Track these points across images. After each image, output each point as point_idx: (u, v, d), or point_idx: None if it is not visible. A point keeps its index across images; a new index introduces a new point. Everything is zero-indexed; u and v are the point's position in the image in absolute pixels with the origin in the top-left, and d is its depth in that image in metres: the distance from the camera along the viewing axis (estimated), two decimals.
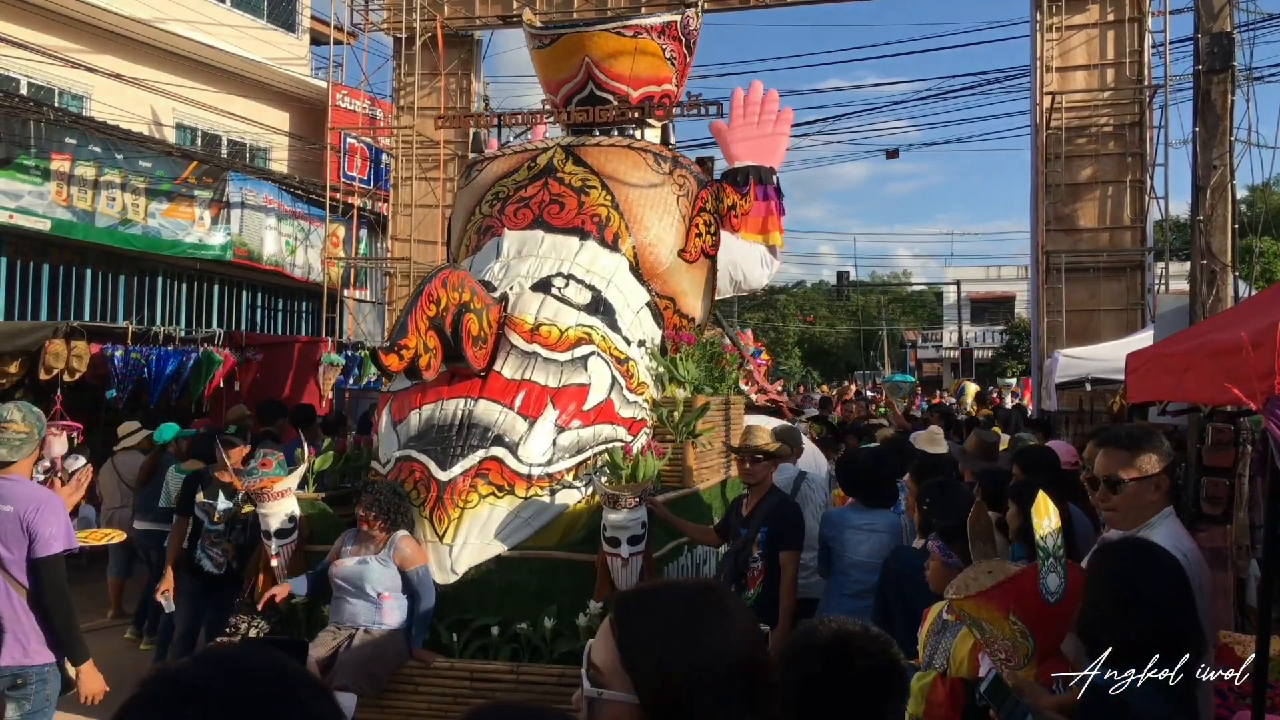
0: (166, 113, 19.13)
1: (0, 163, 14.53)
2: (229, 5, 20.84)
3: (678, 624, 1.82)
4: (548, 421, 6.96)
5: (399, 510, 6.48)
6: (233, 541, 7.79)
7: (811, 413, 16.68)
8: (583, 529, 6.79)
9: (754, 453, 6.62)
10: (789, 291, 62.36)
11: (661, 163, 8.54)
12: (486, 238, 8.15)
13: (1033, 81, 17.00)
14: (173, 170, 16.63)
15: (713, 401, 7.95)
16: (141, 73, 18.14)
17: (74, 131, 15.40)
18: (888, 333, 55.95)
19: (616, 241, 8.08)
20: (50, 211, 15.00)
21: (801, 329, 58.26)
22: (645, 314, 8.04)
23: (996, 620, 3.31)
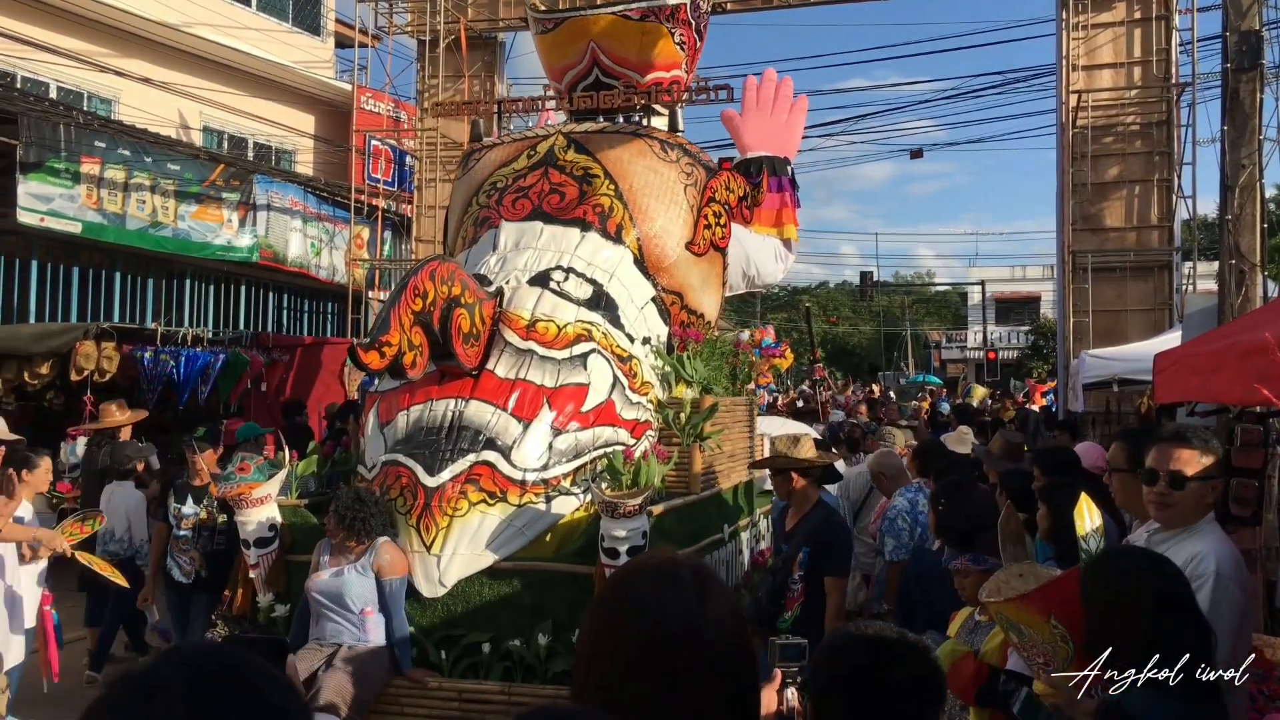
0: (194, 116, 18.73)
1: (31, 166, 14.26)
2: (255, 9, 20.37)
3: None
4: (543, 424, 6.27)
5: (360, 517, 5.80)
6: (200, 549, 7.21)
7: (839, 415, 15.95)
8: (580, 539, 6.11)
9: (780, 468, 5.96)
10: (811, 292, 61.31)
11: (668, 150, 7.82)
12: (483, 230, 7.45)
13: (1058, 80, 16.43)
14: (200, 173, 16.29)
15: (722, 402, 7.25)
16: (169, 76, 17.76)
17: (103, 135, 15.13)
18: (911, 333, 54.85)
19: (620, 233, 7.36)
20: (81, 214, 14.75)
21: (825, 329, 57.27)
22: (650, 309, 7.32)
23: (1037, 624, 3.21)
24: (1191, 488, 3.65)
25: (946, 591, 4.67)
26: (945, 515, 5.11)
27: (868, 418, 16.53)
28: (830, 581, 5.61)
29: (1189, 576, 3.30)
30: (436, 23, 16.80)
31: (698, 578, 1.87)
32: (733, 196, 8.04)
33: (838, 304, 61.03)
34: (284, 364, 15.46)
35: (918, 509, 6.95)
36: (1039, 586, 3.26)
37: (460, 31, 16.95)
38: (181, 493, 7.33)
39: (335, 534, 5.78)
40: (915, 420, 16.23)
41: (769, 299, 54.39)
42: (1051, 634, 3.19)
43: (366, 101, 19.62)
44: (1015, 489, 5.37)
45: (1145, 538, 3.87)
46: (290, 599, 6.14)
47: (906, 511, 7.07)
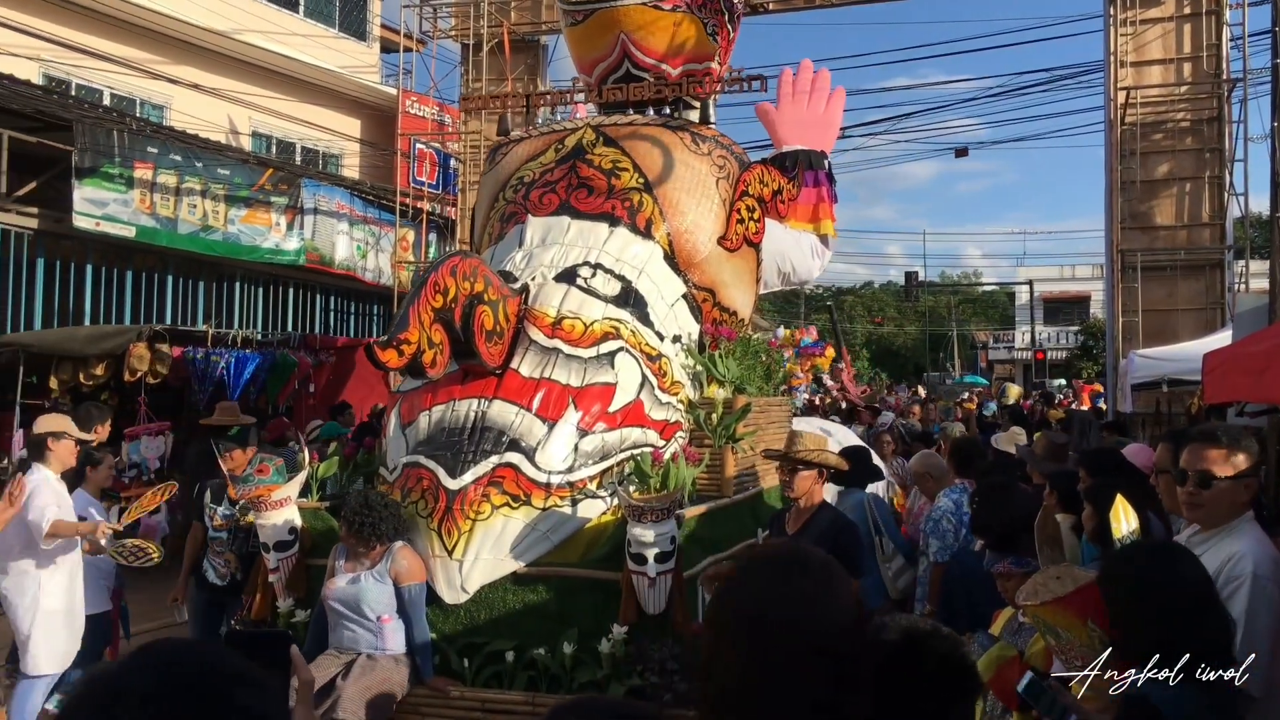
0: (243, 121, 18.66)
1: (86, 172, 14.32)
2: (302, 15, 20.27)
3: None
4: (569, 424, 5.94)
5: (368, 522, 5.49)
6: (235, 551, 6.89)
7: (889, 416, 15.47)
8: (607, 544, 5.78)
9: (794, 462, 5.58)
10: (856, 292, 60.51)
11: (700, 142, 7.45)
12: (510, 225, 7.13)
13: (1106, 77, 15.92)
14: (249, 177, 16.25)
15: (757, 402, 6.89)
16: (219, 83, 17.69)
17: (156, 141, 15.19)
18: (958, 334, 53.89)
19: (649, 228, 7.01)
20: (134, 219, 14.83)
21: (869, 330, 56.43)
22: (681, 307, 6.96)
23: (1074, 626, 3.13)
24: (1220, 487, 3.56)
25: (989, 593, 4.53)
26: (979, 515, 4.98)
27: (920, 418, 16.06)
28: None
29: (1226, 578, 3.29)
30: (480, 26, 16.61)
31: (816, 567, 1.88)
32: (767, 190, 7.66)
33: (882, 304, 60.19)
34: (331, 365, 15.32)
35: (962, 510, 6.58)
36: (1075, 589, 3.17)
37: (503, 35, 16.74)
38: (217, 493, 7.05)
39: (347, 540, 5.50)
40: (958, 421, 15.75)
41: (812, 299, 53.69)
42: (1089, 637, 3.11)
43: (411, 105, 19.47)
44: (1065, 490, 5.13)
45: (1186, 539, 3.75)
46: (310, 603, 5.86)
47: (951, 512, 6.71)
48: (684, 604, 5.60)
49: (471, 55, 17.11)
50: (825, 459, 5.72)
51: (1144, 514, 4.08)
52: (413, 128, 19.32)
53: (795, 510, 5.61)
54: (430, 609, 5.69)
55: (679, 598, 5.55)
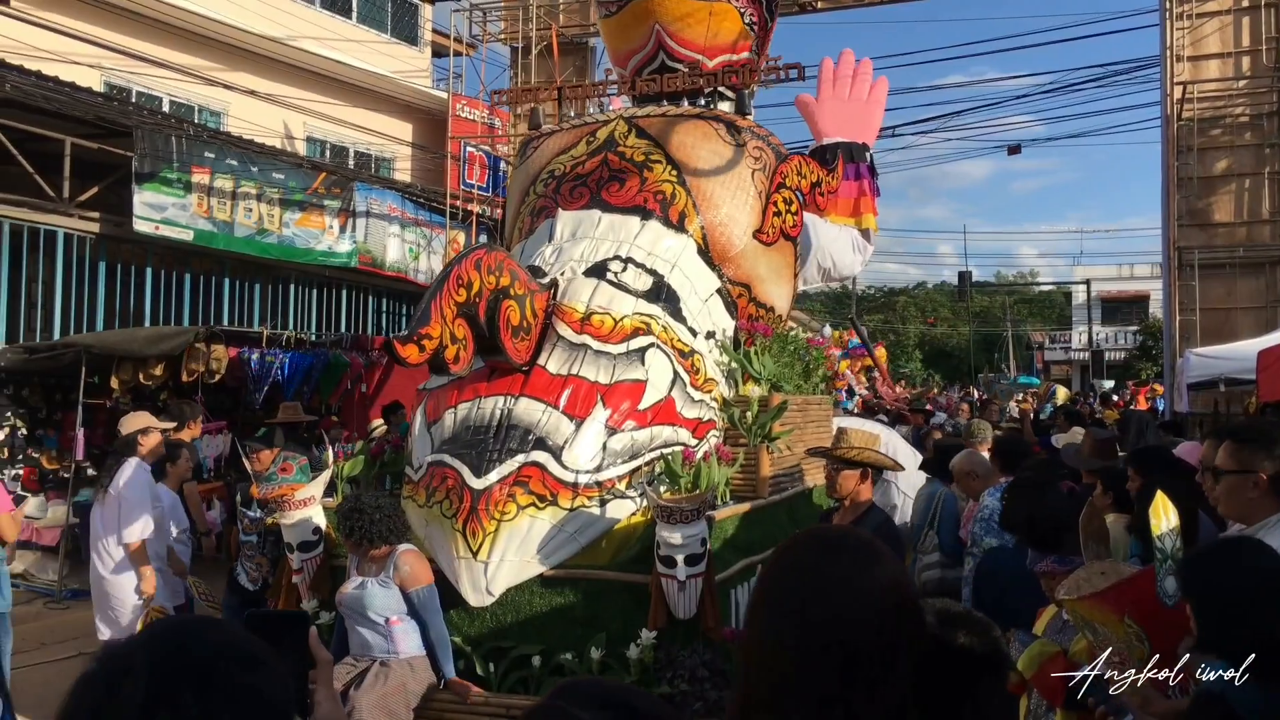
0: (298, 126, 18.65)
1: (146, 177, 14.49)
2: (355, 21, 20.21)
3: None
4: (597, 422, 5.64)
5: (358, 526, 5.20)
6: (267, 555, 6.59)
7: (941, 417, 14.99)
8: (636, 545, 5.48)
9: (838, 461, 5.26)
10: (909, 293, 59.45)
11: (735, 133, 7.09)
12: (540, 220, 6.84)
13: (1163, 72, 15.37)
14: (304, 181, 16.30)
15: (795, 400, 6.55)
16: (274, 89, 17.66)
17: (213, 146, 15.30)
18: (1013, 334, 52.80)
19: (683, 221, 6.68)
20: (192, 222, 14.95)
21: (922, 331, 55.39)
22: (715, 302, 6.63)
23: (1111, 623, 3.07)
24: (1228, 481, 3.59)
25: (1024, 590, 4.38)
26: (1008, 509, 4.84)
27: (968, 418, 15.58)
28: None
29: None
30: (529, 29, 16.46)
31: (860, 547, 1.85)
32: (805, 182, 7.30)
33: (936, 305, 59.07)
34: (382, 366, 15.22)
35: None
36: (1112, 584, 3.11)
37: (552, 37, 16.54)
38: (248, 495, 6.73)
39: (345, 545, 5.25)
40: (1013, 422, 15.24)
41: (864, 300, 52.93)
42: (1126, 633, 3.05)
43: (462, 109, 19.35)
44: (1117, 488, 5.13)
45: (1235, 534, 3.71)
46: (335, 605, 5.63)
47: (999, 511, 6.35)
48: (715, 609, 5.30)
49: (520, 58, 16.99)
50: (871, 458, 5.38)
51: (1192, 512, 4.06)
52: (463, 131, 19.24)
53: (842, 511, 5.29)
54: (455, 612, 5.44)
55: (710, 602, 5.25)
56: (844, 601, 1.76)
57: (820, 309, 52.74)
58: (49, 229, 13.89)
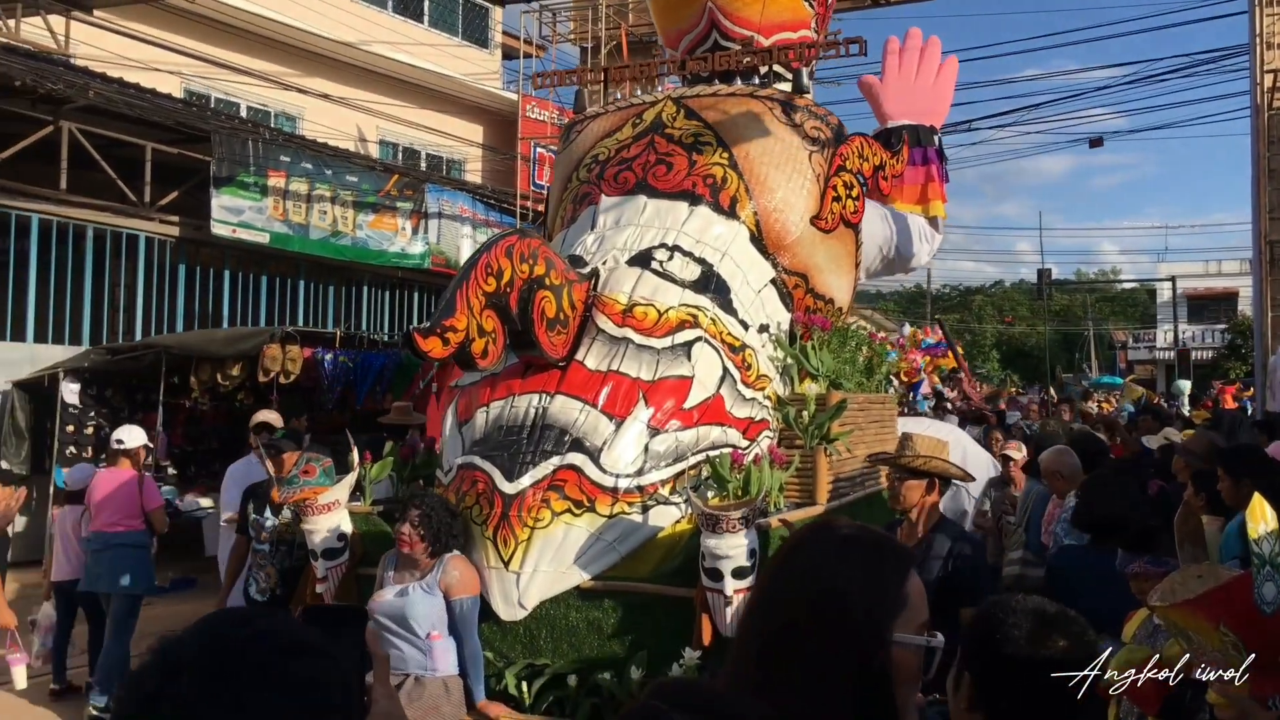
0: (371, 129, 18.43)
1: (223, 181, 14.42)
2: (427, 25, 19.87)
3: None
4: (639, 422, 5.06)
5: (451, 531, 4.76)
6: (276, 565, 6.04)
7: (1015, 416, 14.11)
8: (681, 555, 4.89)
9: (903, 470, 4.61)
10: (986, 292, 57.51)
11: (791, 113, 6.42)
12: (583, 207, 6.25)
13: (1252, 60, 14.38)
14: (377, 184, 16.12)
15: (856, 399, 5.90)
16: (348, 93, 17.47)
17: (288, 150, 15.20)
18: (1095, 333, 50.79)
19: (734, 206, 6.03)
20: (268, 225, 14.88)
21: (999, 330, 53.52)
22: (769, 293, 5.97)
23: (1205, 630, 2.80)
24: None
25: (1098, 590, 4.11)
26: (1079, 508, 4.63)
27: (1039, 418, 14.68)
28: (968, 613, 4.25)
29: None
30: (598, 30, 15.99)
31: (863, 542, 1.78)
32: (867, 166, 6.61)
33: (1014, 303, 57.09)
34: (453, 365, 14.87)
35: None
36: (1206, 591, 2.82)
37: (621, 37, 16.04)
38: (261, 501, 6.18)
39: (413, 545, 4.70)
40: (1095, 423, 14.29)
41: (939, 299, 51.38)
42: (1221, 642, 2.77)
43: (531, 110, 18.99)
44: (1211, 490, 4.91)
45: None
46: None
47: None
48: None
49: (590, 58, 16.51)
50: (939, 467, 4.71)
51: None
52: (533, 132, 18.88)
53: (906, 525, 4.62)
54: (485, 625, 4.90)
55: None
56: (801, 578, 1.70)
57: (894, 308, 51.42)
58: (131, 233, 13.90)
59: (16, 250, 12.97)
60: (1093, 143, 18.20)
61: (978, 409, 15.17)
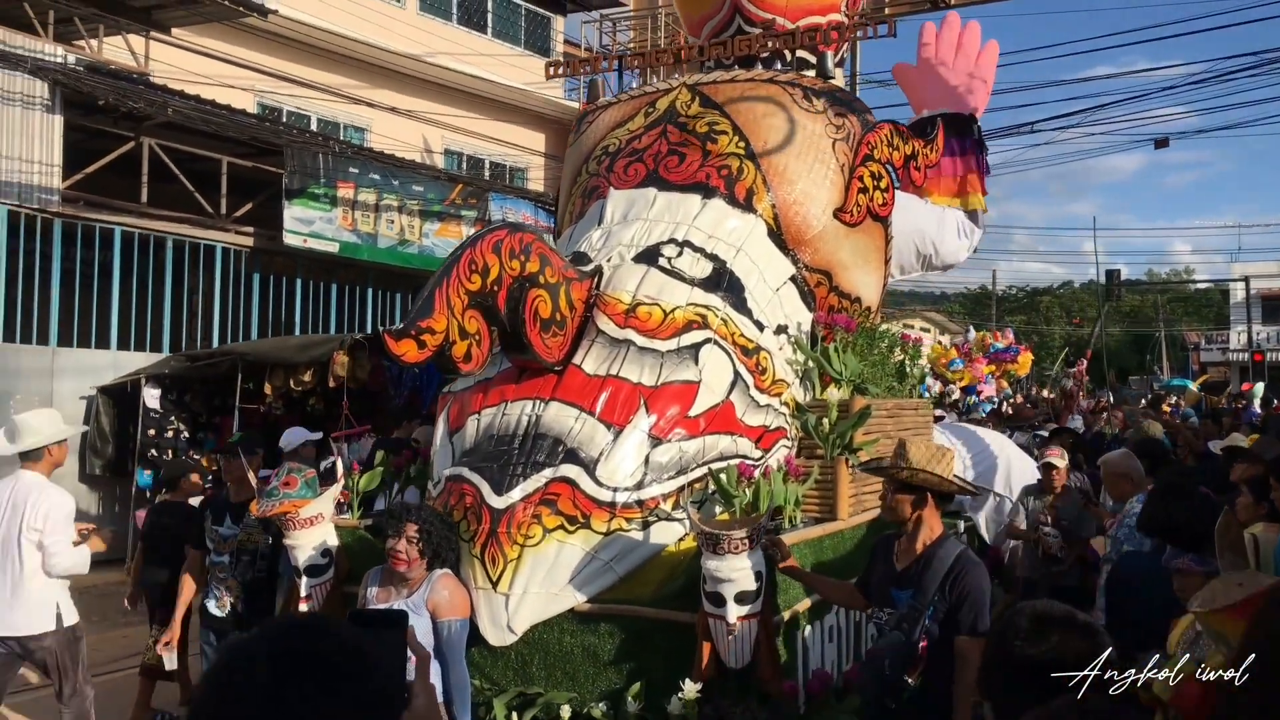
0: (436, 140, 17.99)
1: (295, 193, 14.18)
2: (490, 36, 19.38)
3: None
4: (639, 431, 4.42)
5: (450, 546, 4.17)
6: (238, 578, 5.29)
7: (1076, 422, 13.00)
8: (683, 577, 4.24)
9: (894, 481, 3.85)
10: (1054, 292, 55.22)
11: (813, 98, 5.70)
12: (591, 201, 5.61)
13: None
14: (442, 193, 15.75)
15: (884, 405, 5.18)
16: (414, 104, 17.08)
17: (356, 161, 14.86)
18: (1166, 335, 48.43)
19: (750, 199, 5.33)
20: (338, 235, 14.64)
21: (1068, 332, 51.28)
22: (788, 291, 5.26)
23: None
24: None
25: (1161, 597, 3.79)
26: (1145, 512, 4.37)
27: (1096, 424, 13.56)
28: (968, 643, 3.48)
29: None
30: (658, 38, 15.34)
31: None
32: (897, 155, 5.85)
33: (1083, 304, 54.71)
34: None
35: None
36: (1247, 597, 2.74)
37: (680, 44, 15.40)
38: (220, 510, 5.46)
39: (410, 562, 4.11)
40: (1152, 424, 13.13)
41: (1006, 300, 49.34)
42: None
43: None
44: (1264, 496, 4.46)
45: None
46: None
47: None
48: (773, 657, 4.02)
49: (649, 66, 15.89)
50: (931, 481, 3.85)
51: None
52: None
53: (905, 540, 3.89)
54: (475, 650, 4.31)
55: (767, 649, 3.97)
56: None
57: (959, 310, 49.72)
58: (208, 244, 13.74)
59: (101, 261, 12.85)
60: (1158, 144, 17.04)
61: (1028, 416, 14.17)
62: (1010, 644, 2.12)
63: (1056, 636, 2.11)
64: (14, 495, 5.21)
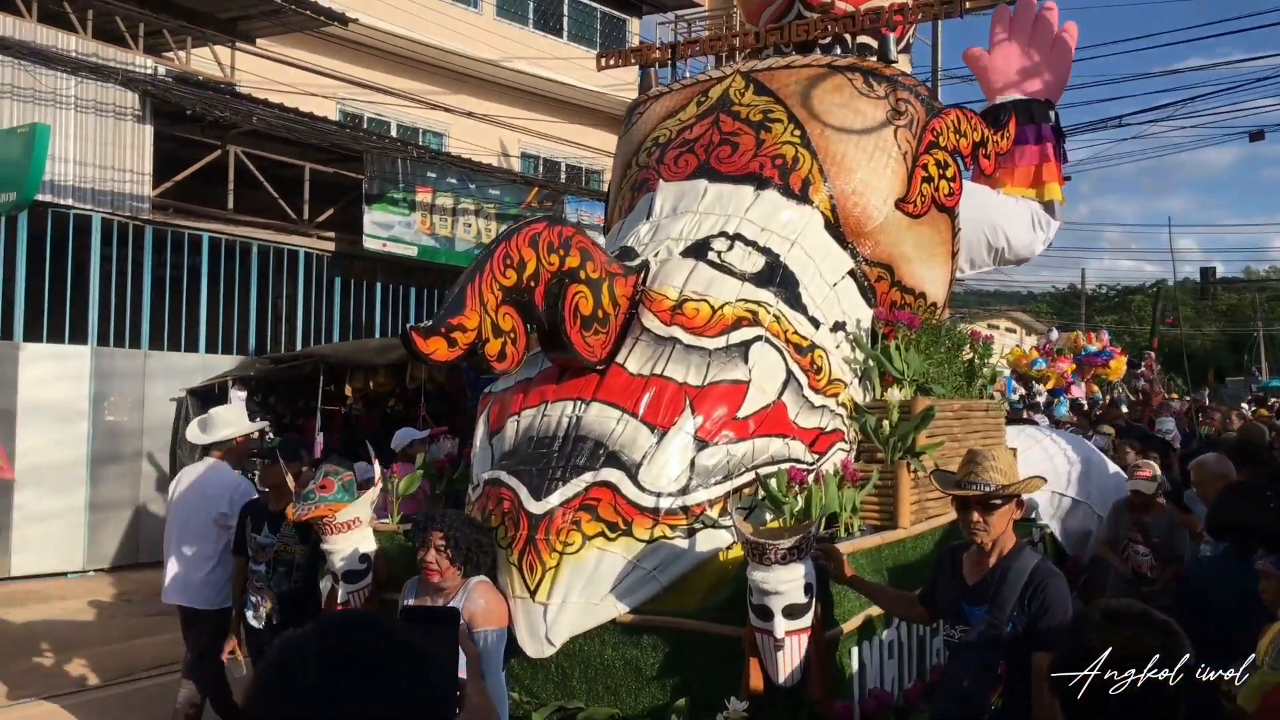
0: (513, 143, 17.85)
1: (375, 198, 14.17)
2: (566, 39, 19.20)
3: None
4: (684, 433, 4.10)
5: (481, 549, 3.92)
6: (273, 588, 5.04)
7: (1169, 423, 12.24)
8: (730, 587, 3.93)
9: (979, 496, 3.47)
10: (1145, 291, 52.96)
11: (875, 84, 5.30)
12: (641, 194, 5.29)
13: None
14: (518, 196, 15.51)
15: (949, 406, 4.78)
16: (491, 108, 17.02)
17: (434, 166, 14.80)
18: (1264, 334, 46.15)
19: (806, 189, 4.96)
20: (416, 239, 14.56)
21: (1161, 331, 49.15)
22: (846, 286, 4.88)
23: None
24: None
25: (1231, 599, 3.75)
26: (1212, 513, 4.11)
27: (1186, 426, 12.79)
28: (1046, 659, 3.13)
29: None
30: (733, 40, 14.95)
31: None
32: (964, 142, 5.42)
33: (1176, 303, 52.41)
34: None
35: None
36: None
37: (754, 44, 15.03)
38: (259, 518, 5.24)
39: (443, 572, 3.88)
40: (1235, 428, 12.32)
41: (1097, 299, 47.44)
42: None
43: None
44: None
45: None
46: None
47: None
48: (825, 675, 3.69)
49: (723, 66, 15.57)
50: (1023, 488, 3.53)
51: None
52: None
53: (974, 552, 3.52)
54: (514, 662, 4.05)
55: (817, 666, 3.64)
56: None
57: (1047, 310, 48.05)
58: (291, 249, 13.84)
59: (189, 266, 12.98)
60: (1253, 136, 16.16)
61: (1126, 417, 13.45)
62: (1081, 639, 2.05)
63: (1127, 632, 2.02)
64: (203, 480, 5.72)
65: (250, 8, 13.46)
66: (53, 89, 11.40)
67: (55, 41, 11.41)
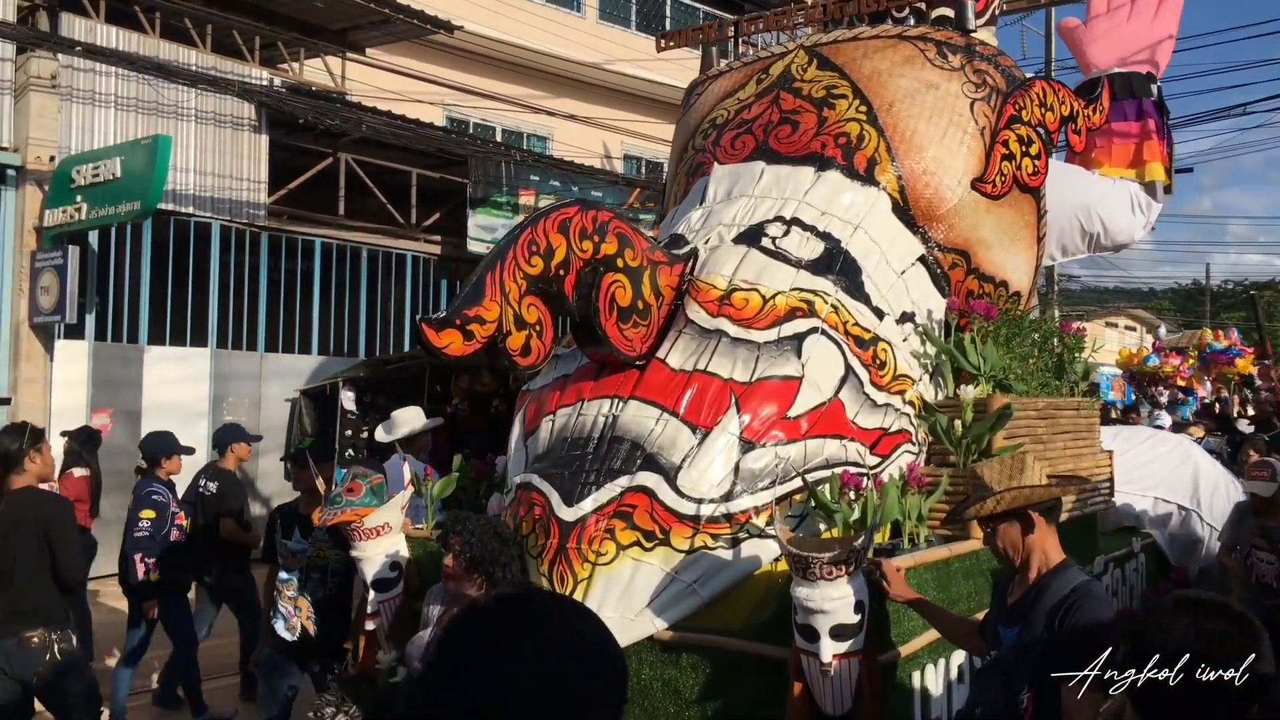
0: (615, 145, 17.53)
1: (479, 201, 14.20)
2: None
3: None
4: (728, 434, 3.64)
5: (498, 560, 3.54)
6: (309, 596, 4.61)
7: None
8: (776, 603, 3.45)
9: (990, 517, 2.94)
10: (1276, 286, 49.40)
11: (949, 54, 4.70)
12: (695, 179, 4.81)
13: None
14: (620, 197, 15.23)
15: (1032, 404, 4.19)
16: (594, 111, 16.72)
17: (537, 169, 14.69)
18: None
19: (872, 170, 4.41)
20: None
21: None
22: (916, 274, 4.32)
23: None
24: None
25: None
26: None
27: None
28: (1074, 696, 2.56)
29: None
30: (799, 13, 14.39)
31: None
32: (1051, 116, 4.76)
33: None
34: None
35: None
36: None
37: None
38: (289, 522, 4.89)
39: (460, 580, 3.54)
40: None
41: (1223, 295, 44.39)
42: None
43: None
44: None
45: None
46: None
47: None
48: (878, 703, 3.18)
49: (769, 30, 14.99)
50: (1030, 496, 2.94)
51: None
52: None
53: (1021, 570, 2.99)
54: None
55: (870, 693, 3.15)
56: None
57: (1169, 308, 45.28)
58: (399, 253, 13.87)
59: (303, 271, 13.09)
60: None
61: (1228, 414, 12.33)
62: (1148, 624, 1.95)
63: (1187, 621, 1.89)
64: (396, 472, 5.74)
65: (360, 18, 13.51)
66: (174, 102, 11.59)
67: (176, 56, 11.58)
